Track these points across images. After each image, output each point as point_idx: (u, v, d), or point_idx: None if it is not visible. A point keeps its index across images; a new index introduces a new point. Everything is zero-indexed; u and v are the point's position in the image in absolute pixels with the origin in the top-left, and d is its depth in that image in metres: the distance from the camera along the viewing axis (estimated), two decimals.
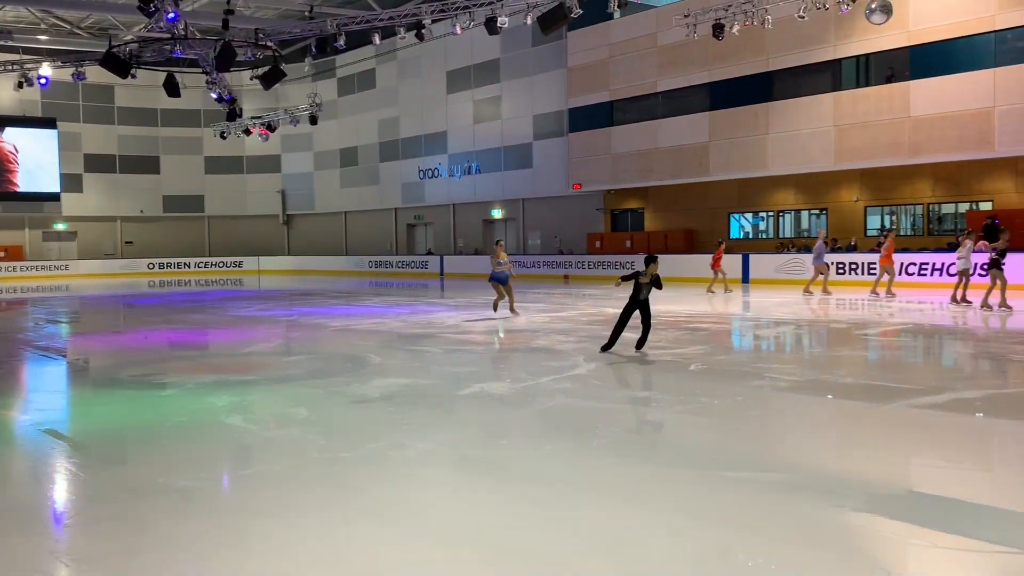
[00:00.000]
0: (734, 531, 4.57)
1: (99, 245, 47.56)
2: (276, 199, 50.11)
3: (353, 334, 14.71)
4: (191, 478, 5.73)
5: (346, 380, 9.74)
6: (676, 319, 16.20)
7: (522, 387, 8.95)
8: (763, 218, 31.16)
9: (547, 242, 38.10)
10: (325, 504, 5.10)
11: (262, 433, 7.16)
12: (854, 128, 26.39)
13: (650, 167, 31.97)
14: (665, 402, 8.03)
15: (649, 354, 11.20)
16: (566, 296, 23.34)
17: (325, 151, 48.48)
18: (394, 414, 7.78)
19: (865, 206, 28.15)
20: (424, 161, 42.95)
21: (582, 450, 6.32)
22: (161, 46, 27.81)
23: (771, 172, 28.76)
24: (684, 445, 6.47)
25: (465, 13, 25.66)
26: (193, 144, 49.32)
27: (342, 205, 48.04)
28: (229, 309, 21.07)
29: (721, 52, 29.03)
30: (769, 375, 9.54)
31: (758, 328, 15.22)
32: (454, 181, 41.48)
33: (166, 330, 16.22)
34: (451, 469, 5.88)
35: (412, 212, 44.63)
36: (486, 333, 14.59)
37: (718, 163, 29.89)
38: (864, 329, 14.20)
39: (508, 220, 40.36)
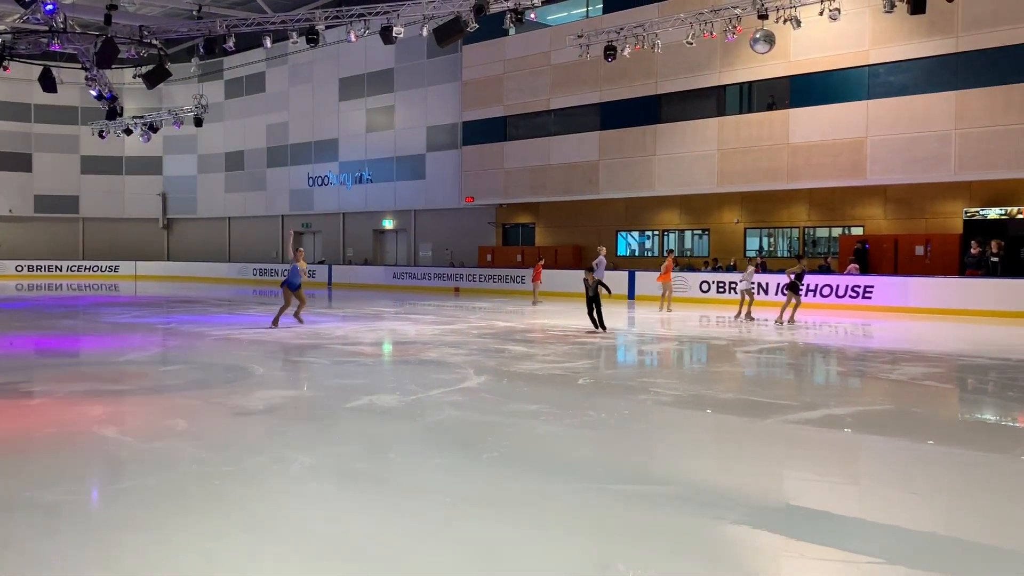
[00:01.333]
0: (615, 543, 4.64)
1: None
2: (156, 202, 48.35)
3: (235, 344, 14.31)
4: (59, 492, 5.44)
5: (227, 391, 9.46)
6: (565, 334, 16.42)
7: (411, 400, 8.89)
8: (649, 236, 31.96)
9: (438, 254, 38.05)
10: (203, 520, 4.93)
11: (137, 445, 6.87)
12: (736, 152, 27.41)
13: (542, 183, 32.39)
14: (553, 416, 8.12)
15: (538, 368, 11.31)
16: (457, 309, 23.34)
17: (210, 154, 47.13)
18: (277, 427, 7.61)
19: (745, 228, 29.23)
20: (314, 168, 42.28)
21: (469, 464, 6.32)
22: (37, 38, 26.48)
23: (657, 192, 29.55)
24: (570, 458, 6.55)
25: (360, 21, 25.44)
26: (69, 142, 47.12)
27: (226, 210, 46.75)
28: (103, 315, 20.19)
29: (612, 73, 29.71)
30: (653, 389, 9.77)
31: (643, 344, 15.58)
32: (344, 190, 40.98)
33: (35, 336, 15.41)
34: (335, 484, 5.78)
35: (300, 219, 43.83)
36: (375, 344, 14.43)
37: (607, 181, 30.53)
38: (743, 346, 14.72)
39: (399, 231, 40.12)
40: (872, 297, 23.02)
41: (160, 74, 27.03)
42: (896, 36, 24.22)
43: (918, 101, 24.08)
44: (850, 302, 23.40)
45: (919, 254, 24.74)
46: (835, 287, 23.79)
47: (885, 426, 8.04)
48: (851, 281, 23.68)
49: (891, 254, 25.20)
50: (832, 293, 23.76)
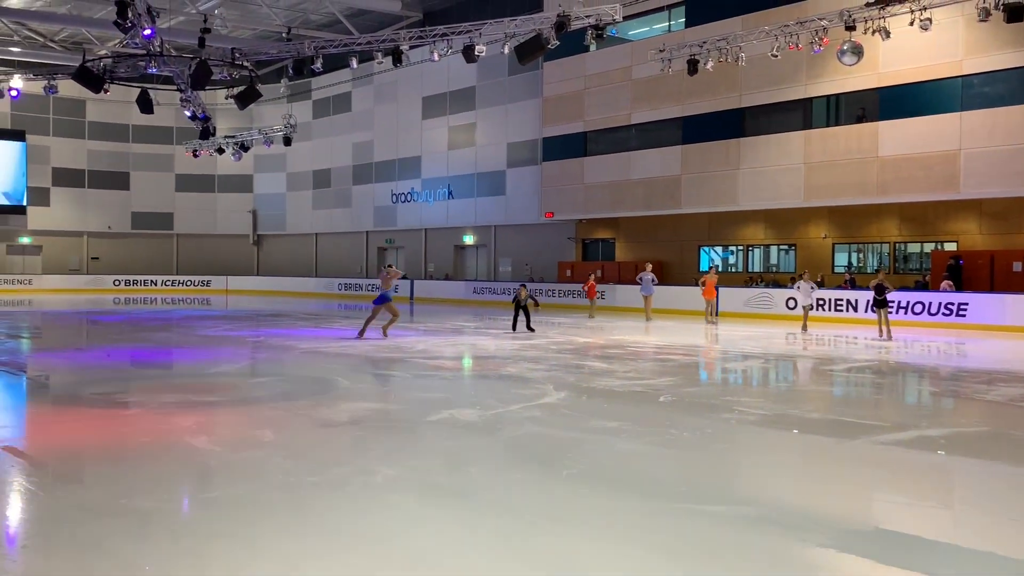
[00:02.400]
0: (696, 564, 4.56)
1: (64, 260, 46.92)
2: (247, 219, 49.83)
3: (321, 357, 14.59)
4: (152, 499, 5.63)
5: (313, 403, 9.64)
6: (645, 350, 16.26)
7: (491, 414, 8.92)
8: (733, 252, 31.46)
9: (518, 269, 38.17)
10: (287, 529, 5.03)
11: (226, 455, 7.06)
12: (823, 166, 26.80)
13: (622, 198, 32.23)
14: (634, 433, 8.04)
15: (619, 385, 11.22)
16: (536, 324, 23.34)
17: (298, 172, 48.35)
18: (361, 439, 7.72)
19: (833, 243, 28.53)
20: (397, 185, 42.96)
21: (549, 480, 6.30)
22: (136, 62, 27.64)
23: (741, 207, 29.09)
24: (651, 477, 6.47)
25: (443, 40, 25.81)
26: (164, 161, 48.98)
27: (313, 227, 47.85)
28: (196, 328, 20.84)
29: (694, 87, 29.43)
30: (737, 408, 9.59)
31: (727, 361, 15.32)
32: (427, 206, 41.52)
33: (131, 348, 16.00)
34: (417, 496, 5.83)
35: (384, 235, 44.55)
36: (455, 359, 14.53)
37: (689, 196, 30.19)
38: (831, 365, 14.34)
39: (480, 246, 40.41)
40: (967, 315, 22.17)
41: (251, 95, 27.90)
42: (991, 45, 23.37)
43: (1015, 112, 23.16)
44: (944, 320, 22.57)
45: (1017, 270, 23.74)
46: (928, 304, 22.99)
47: (981, 449, 7.72)
48: (945, 298, 22.85)
49: (987, 270, 24.24)
50: (925, 310, 22.96)
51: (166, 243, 49.51)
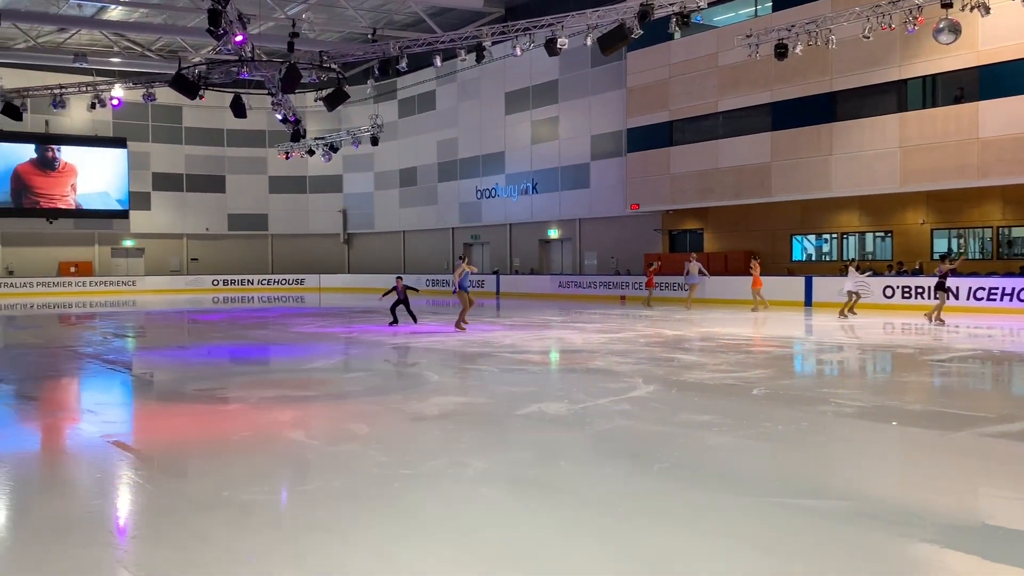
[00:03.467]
0: (792, 559, 4.47)
1: (166, 261, 48.81)
2: (337, 218, 50.92)
3: (411, 352, 14.81)
4: (253, 492, 5.81)
5: (404, 397, 9.80)
6: (737, 342, 15.99)
7: (580, 408, 8.91)
8: (826, 240, 30.64)
9: (604, 263, 37.99)
10: (382, 521, 5.13)
11: (322, 448, 7.24)
12: (920, 150, 25.85)
13: (710, 187, 31.71)
14: (726, 427, 7.92)
15: (709, 378, 11.07)
16: (623, 317, 23.21)
17: (385, 171, 49.14)
18: (452, 432, 7.81)
19: (932, 229, 27.50)
20: (482, 181, 43.24)
21: (639, 474, 6.26)
22: (228, 68, 28.52)
23: (834, 193, 28.29)
24: (745, 470, 6.36)
25: (525, 35, 25.83)
26: (258, 164, 50.43)
27: (401, 224, 48.59)
28: (291, 326, 21.39)
29: (783, 72, 28.74)
30: (834, 400, 9.34)
31: (822, 352, 14.94)
32: (511, 201, 41.67)
33: (230, 345, 16.52)
34: (507, 490, 5.87)
35: (469, 231, 44.92)
36: (543, 353, 14.56)
37: (780, 184, 29.52)
38: (931, 355, 13.83)
39: (564, 240, 40.35)
40: None
41: (339, 96, 28.46)
42: None
43: None
44: None
45: None
46: None
47: None
48: None
49: None
50: None
51: (261, 243, 50.99)
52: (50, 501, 5.75)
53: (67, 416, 9.04)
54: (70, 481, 6.42)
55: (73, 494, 6.02)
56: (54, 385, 11.28)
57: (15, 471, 6.75)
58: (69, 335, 19.79)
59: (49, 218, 44.96)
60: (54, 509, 5.52)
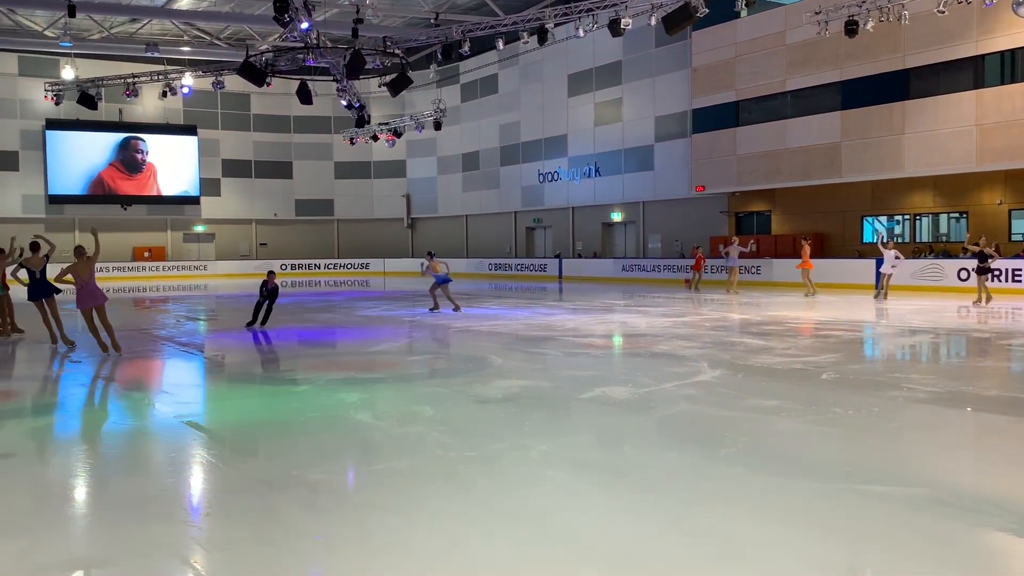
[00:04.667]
0: (865, 546, 4.38)
1: (235, 246, 49.84)
2: (401, 203, 51.35)
3: (474, 335, 14.89)
4: (321, 472, 5.92)
5: (468, 380, 9.87)
6: (806, 326, 15.70)
7: (644, 392, 8.86)
8: (898, 221, 29.84)
9: (668, 246, 37.61)
10: (447, 503, 5.18)
11: (389, 430, 7.34)
12: (998, 128, 24.96)
13: (777, 168, 31.12)
14: (794, 412, 7.79)
15: (777, 362, 10.89)
16: (688, 301, 22.97)
17: (448, 156, 49.32)
18: (515, 415, 7.83)
19: (1010, 209, 26.56)
20: (544, 164, 43.12)
21: (705, 459, 6.20)
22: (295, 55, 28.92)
23: (907, 173, 27.50)
24: (813, 456, 6.26)
25: (588, 16, 25.62)
26: (323, 150, 51.08)
27: (463, 208, 48.77)
28: (357, 309, 21.68)
29: (854, 50, 27.99)
30: (906, 385, 9.12)
31: (894, 336, 14.58)
32: (573, 184, 41.48)
33: (298, 328, 16.82)
34: (570, 473, 5.87)
35: (531, 215, 44.88)
36: (606, 336, 14.49)
37: (850, 164, 28.82)
38: (1008, 339, 13.39)
39: (628, 223, 40.04)
40: None
41: (403, 82, 28.65)
42: None
43: None
44: None
45: None
46: None
47: None
48: None
49: None
50: None
51: (327, 228, 51.72)
52: (128, 479, 5.94)
53: (144, 397, 9.32)
54: (146, 460, 6.62)
55: (149, 472, 6.21)
56: (130, 366, 11.63)
57: (94, 449, 6.99)
58: (144, 318, 20.37)
59: (123, 204, 46.25)
60: (132, 487, 5.70)
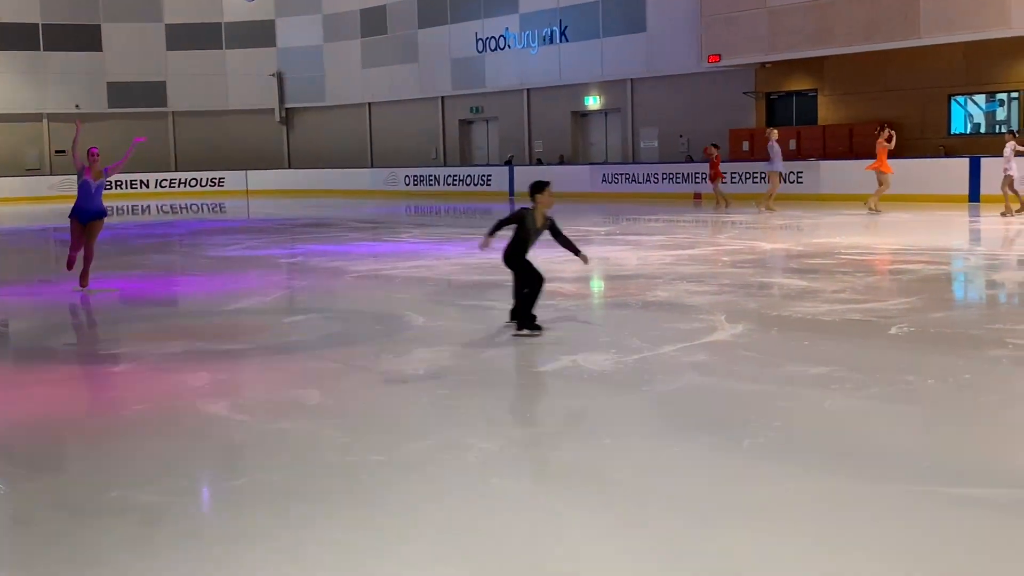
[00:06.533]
0: (961, 572, 4.49)
1: (18, 156, 48.71)
2: (269, 86, 50.55)
3: (385, 283, 14.84)
4: (157, 491, 5.86)
5: (376, 350, 9.84)
6: (867, 258, 15.90)
7: (634, 360, 8.91)
8: (1002, 103, 30.27)
9: (668, 145, 37.69)
10: (348, 530, 5.18)
11: (257, 426, 7.29)
12: None
13: (827, 26, 31.19)
14: (852, 383, 7.91)
15: (826, 311, 11.03)
16: (698, 224, 23.12)
17: (339, 14, 48.59)
18: (446, 399, 7.83)
19: None
20: (484, 25, 42.71)
21: (723, 454, 6.28)
22: None
23: (1015, 31, 27.81)
24: (879, 447, 6.37)
25: None
26: (148, 7, 49.78)
27: (365, 93, 48.20)
28: (206, 247, 21.43)
29: None
30: (1011, 341, 9.31)
31: (994, 270, 14.84)
32: (528, 55, 41.21)
33: (117, 278, 16.57)
34: (530, 480, 5.90)
35: (467, 102, 44.58)
36: (580, 280, 14.52)
37: (933, 18, 28.98)
38: None
39: (610, 111, 40.03)
40: None
41: None
42: None
43: None
44: None
45: None
46: None
47: None
48: None
49: None
50: None
51: (157, 126, 50.68)
52: None
53: None
54: None
55: None
56: None
57: None
58: None
59: None
60: None
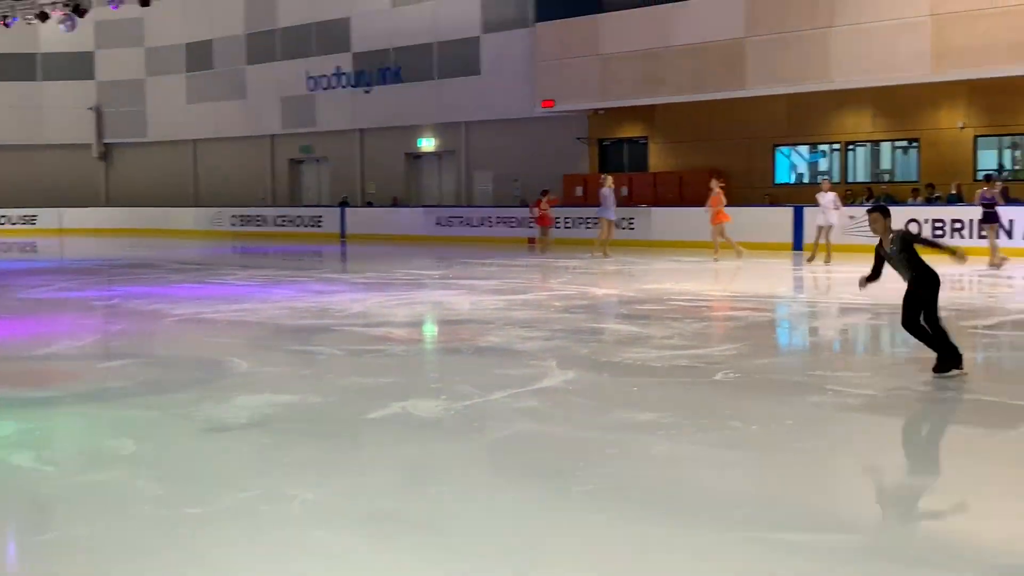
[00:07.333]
0: None
1: None
2: (87, 120, 49.45)
3: (208, 327, 14.62)
4: None
5: (196, 397, 9.65)
6: (696, 305, 16.25)
7: (465, 407, 8.91)
8: (824, 153, 31.29)
9: (503, 188, 37.96)
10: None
11: (64, 479, 7.09)
12: (960, 20, 26.42)
13: (658, 75, 31.83)
14: (678, 429, 8.05)
15: (656, 357, 11.21)
16: (532, 269, 23.32)
17: (163, 47, 47.94)
18: (269, 448, 7.72)
19: (975, 135, 28.37)
20: (315, 64, 42.55)
21: (554, 501, 6.30)
22: None
23: (837, 84, 28.78)
24: (707, 492, 6.48)
25: None
26: None
27: (190, 130, 47.50)
28: (16, 288, 20.82)
29: None
30: (832, 387, 9.60)
31: (817, 317, 15.32)
32: (360, 95, 41.13)
33: None
34: (355, 532, 5.83)
35: (298, 141, 44.30)
36: (411, 325, 14.50)
37: (759, 71, 29.84)
38: (974, 319, 14.37)
39: (444, 154, 40.21)
40: None
41: None
42: None
43: None
44: None
45: None
46: None
47: None
48: None
49: None
50: None
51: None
52: None
53: None
54: None
55: None
56: None
57: None
58: None
59: None
60: None
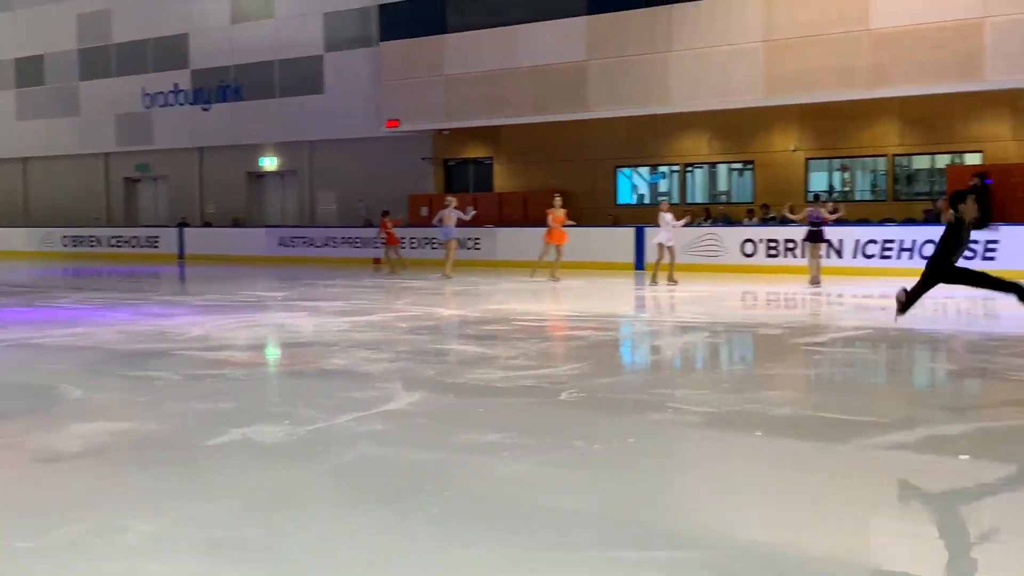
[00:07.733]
0: None
1: None
2: None
3: (38, 352, 14.23)
4: None
5: (24, 426, 9.39)
6: (540, 325, 16.40)
7: (308, 431, 8.84)
8: (664, 175, 31.88)
9: (347, 208, 37.83)
10: None
11: None
12: (792, 45, 27.24)
13: (502, 97, 32.11)
14: (523, 449, 8.09)
15: (500, 378, 11.27)
16: (377, 290, 23.24)
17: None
18: (103, 478, 7.54)
19: (807, 158, 29.26)
20: (152, 80, 41.87)
21: (400, 524, 6.28)
22: None
23: (675, 108, 29.38)
24: (552, 511, 6.52)
25: None
26: None
27: (20, 147, 46.36)
28: None
29: None
30: (673, 405, 9.79)
31: (658, 336, 15.60)
32: (199, 112, 40.60)
33: None
34: (194, 563, 5.73)
35: (134, 159, 43.49)
36: (252, 348, 14.33)
37: (600, 93, 30.30)
38: (805, 336, 14.81)
39: (287, 174, 39.88)
40: (996, 257, 23.20)
41: None
42: None
43: None
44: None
45: None
46: None
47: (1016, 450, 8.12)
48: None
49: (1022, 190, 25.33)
50: None
51: None
52: None
53: None
54: None
55: None
56: None
57: None
58: None
59: None
60: None
